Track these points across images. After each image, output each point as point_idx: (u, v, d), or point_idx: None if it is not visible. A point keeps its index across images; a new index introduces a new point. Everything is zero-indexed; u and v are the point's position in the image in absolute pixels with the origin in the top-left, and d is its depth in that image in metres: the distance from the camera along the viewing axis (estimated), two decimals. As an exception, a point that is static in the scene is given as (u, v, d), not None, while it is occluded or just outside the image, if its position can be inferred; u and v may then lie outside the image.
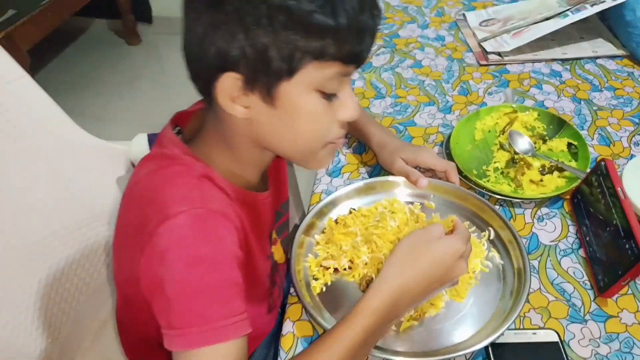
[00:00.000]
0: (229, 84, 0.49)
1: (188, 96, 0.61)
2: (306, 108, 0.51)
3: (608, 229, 0.63)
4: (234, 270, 0.50)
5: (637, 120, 0.87)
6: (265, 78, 0.48)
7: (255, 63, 0.47)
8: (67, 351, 0.83)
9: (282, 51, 0.46)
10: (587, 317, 0.60)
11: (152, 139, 0.91)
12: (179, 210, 0.48)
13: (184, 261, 0.48)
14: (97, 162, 0.86)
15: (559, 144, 0.80)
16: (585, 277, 0.64)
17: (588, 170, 0.72)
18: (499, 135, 0.83)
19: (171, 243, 0.48)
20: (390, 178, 0.74)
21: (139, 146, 0.90)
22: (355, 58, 0.49)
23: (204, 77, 0.51)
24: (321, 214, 0.71)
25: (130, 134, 0.89)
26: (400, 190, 0.74)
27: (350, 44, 0.48)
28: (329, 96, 0.51)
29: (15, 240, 0.73)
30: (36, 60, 0.74)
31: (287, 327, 0.60)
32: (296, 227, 0.69)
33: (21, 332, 0.72)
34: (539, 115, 0.84)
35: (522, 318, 0.60)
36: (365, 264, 0.61)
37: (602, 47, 1.04)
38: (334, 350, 0.48)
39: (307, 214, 0.70)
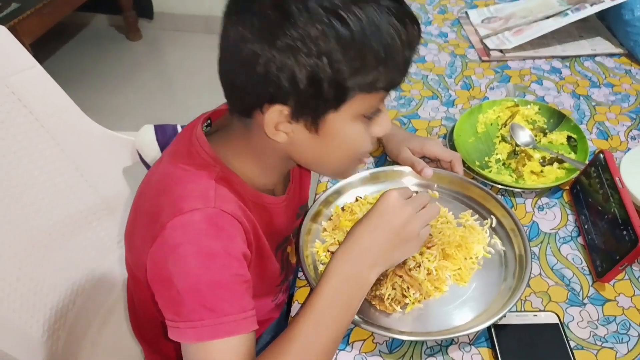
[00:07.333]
0: (275, 115, 0.49)
1: (187, 92, 0.62)
2: (349, 135, 0.52)
3: (606, 217, 0.65)
4: (243, 268, 0.52)
5: (634, 116, 0.89)
6: (313, 110, 0.49)
7: (306, 96, 0.47)
8: (74, 337, 0.83)
9: (334, 85, 0.47)
10: (586, 300, 0.62)
11: (159, 131, 0.92)
12: (194, 207, 0.50)
13: (196, 256, 0.49)
14: (104, 151, 0.87)
15: (559, 137, 0.82)
16: (584, 263, 0.66)
17: (587, 162, 0.74)
18: (500, 128, 0.85)
19: (184, 239, 0.49)
20: (396, 167, 0.76)
21: (146, 137, 0.91)
22: (397, 86, 0.52)
23: (248, 103, 0.51)
24: (327, 202, 0.73)
25: (130, 129, 0.90)
26: (405, 180, 0.76)
27: (398, 76, 0.50)
28: (369, 118, 0.53)
29: (24, 226, 0.74)
30: (37, 54, 0.75)
31: (296, 309, 0.62)
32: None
33: (28, 318, 0.73)
34: (539, 109, 0.86)
35: (523, 301, 0.62)
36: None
37: (601, 45, 1.06)
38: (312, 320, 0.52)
39: (314, 202, 0.71)
